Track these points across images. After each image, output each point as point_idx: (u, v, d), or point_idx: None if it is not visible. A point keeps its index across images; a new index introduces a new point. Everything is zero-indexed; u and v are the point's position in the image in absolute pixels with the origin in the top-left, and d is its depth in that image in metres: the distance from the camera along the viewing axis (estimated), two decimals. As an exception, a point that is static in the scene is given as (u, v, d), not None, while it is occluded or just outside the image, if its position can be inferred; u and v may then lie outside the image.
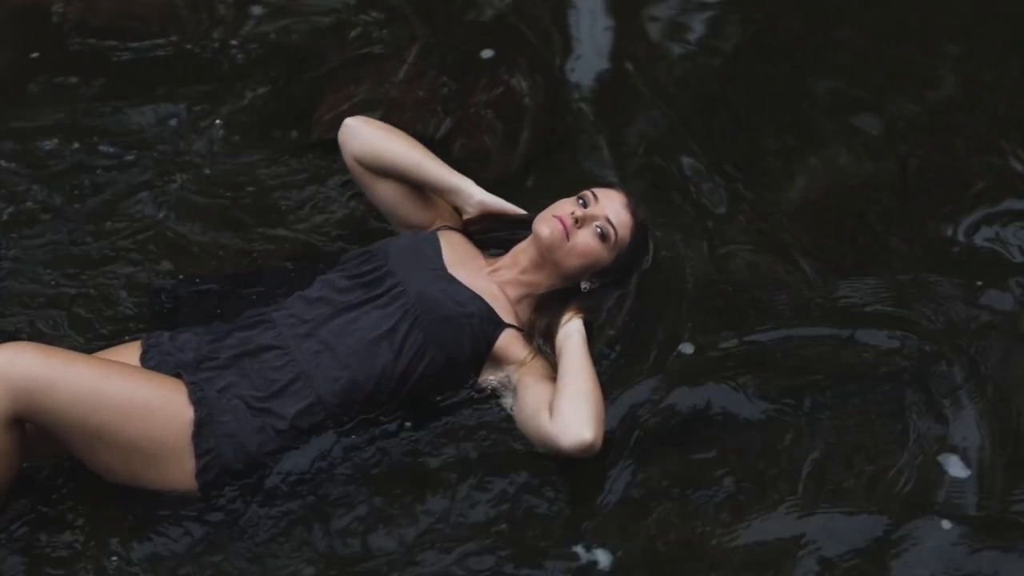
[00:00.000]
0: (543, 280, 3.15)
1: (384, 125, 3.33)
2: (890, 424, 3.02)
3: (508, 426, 3.00)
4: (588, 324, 3.07)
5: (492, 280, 3.16)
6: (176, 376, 2.93)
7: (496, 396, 3.04)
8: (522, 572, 2.80)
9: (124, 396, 2.80)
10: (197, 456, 2.85)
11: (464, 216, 3.28)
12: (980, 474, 2.92)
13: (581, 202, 3.15)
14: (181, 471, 2.85)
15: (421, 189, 3.29)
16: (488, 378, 3.05)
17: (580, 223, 3.11)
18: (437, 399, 3.03)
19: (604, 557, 2.82)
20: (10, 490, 2.83)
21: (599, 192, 3.17)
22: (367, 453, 2.96)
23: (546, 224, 3.11)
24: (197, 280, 3.40)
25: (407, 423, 3.00)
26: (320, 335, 3.00)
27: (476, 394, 3.04)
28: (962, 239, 3.47)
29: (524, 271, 3.16)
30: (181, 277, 3.40)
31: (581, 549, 2.83)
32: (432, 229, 3.27)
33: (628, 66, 4.09)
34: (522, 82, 3.95)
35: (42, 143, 3.79)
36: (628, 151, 3.84)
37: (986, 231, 3.48)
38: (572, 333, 3.03)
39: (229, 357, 2.97)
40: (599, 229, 3.11)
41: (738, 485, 2.92)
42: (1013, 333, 3.22)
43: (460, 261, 3.16)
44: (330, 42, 4.14)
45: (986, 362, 3.14)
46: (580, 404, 2.88)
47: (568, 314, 3.07)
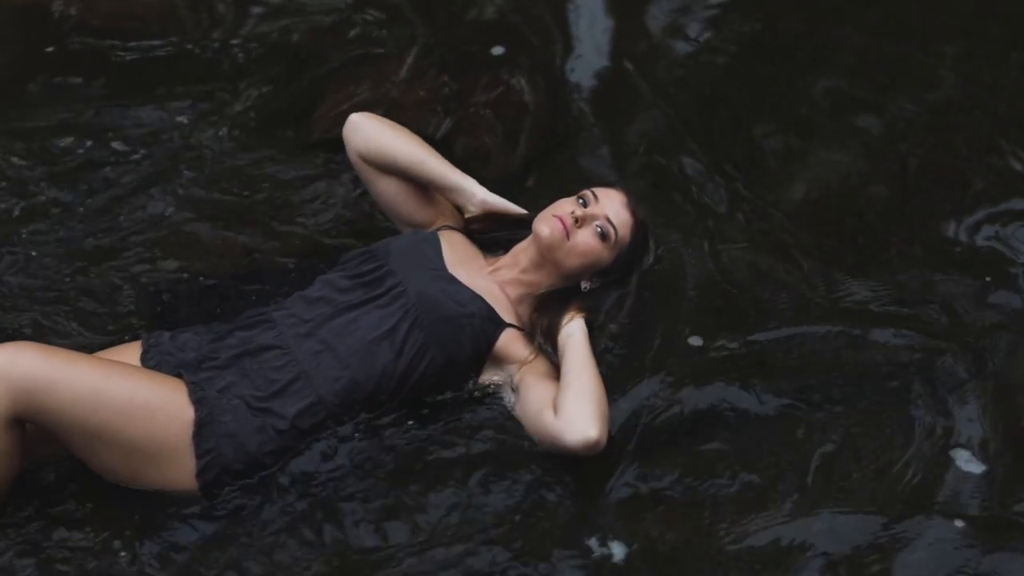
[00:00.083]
0: (543, 280, 3.15)
1: (389, 122, 3.33)
2: (892, 423, 3.02)
3: (512, 424, 3.00)
4: (589, 323, 3.07)
5: (492, 280, 3.16)
6: (177, 376, 2.93)
7: (498, 395, 3.05)
8: (538, 566, 2.80)
9: (125, 396, 2.80)
10: (197, 456, 2.85)
11: (466, 215, 3.28)
12: (983, 473, 2.92)
13: (581, 202, 3.15)
14: (181, 471, 2.85)
15: (424, 187, 3.30)
16: (490, 377, 3.05)
17: (580, 223, 3.11)
18: (440, 398, 3.03)
19: (619, 549, 2.82)
20: (10, 490, 2.82)
21: (599, 192, 3.17)
22: (369, 452, 2.95)
23: (546, 224, 3.11)
24: (198, 279, 3.40)
25: (410, 421, 3.00)
26: (320, 335, 3.00)
27: (478, 394, 3.04)
28: (962, 239, 3.47)
29: (524, 271, 3.16)
30: (183, 276, 3.40)
31: (595, 542, 2.83)
32: (433, 229, 3.27)
33: (628, 66, 4.09)
34: (522, 82, 3.95)
35: (41, 143, 3.79)
36: (628, 151, 3.84)
37: (986, 231, 3.48)
38: (575, 332, 3.03)
39: (229, 357, 2.97)
40: (599, 229, 3.11)
41: (740, 484, 2.92)
42: (1015, 332, 3.22)
43: (460, 261, 3.16)
44: (330, 42, 4.14)
45: (988, 361, 3.14)
46: (584, 402, 2.88)
47: (570, 314, 3.07)
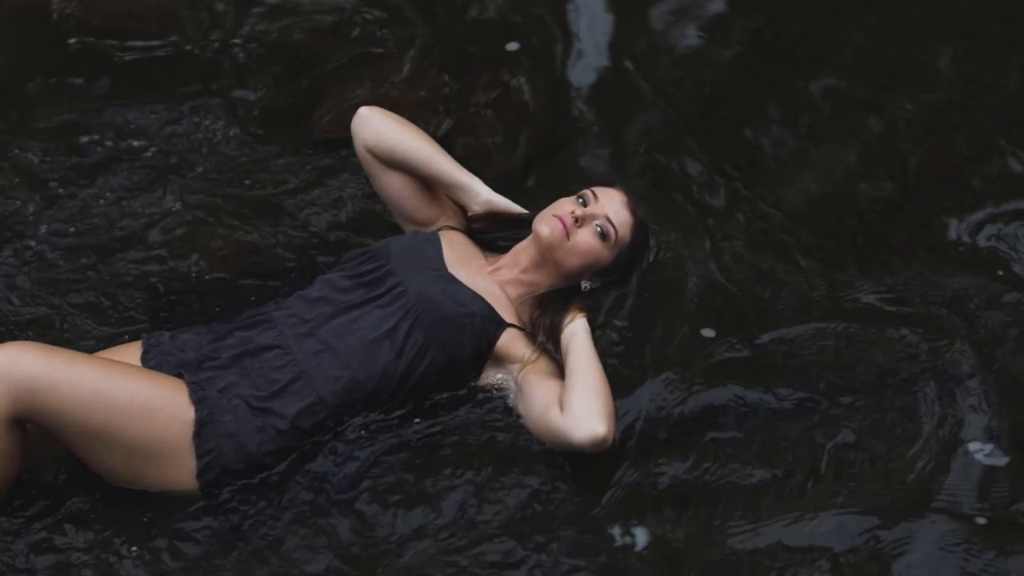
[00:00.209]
0: (543, 279, 3.15)
1: (398, 117, 3.33)
2: (895, 423, 3.02)
3: (515, 422, 3.00)
4: (590, 323, 3.07)
5: (493, 280, 3.16)
6: (177, 376, 2.93)
7: (501, 394, 3.04)
8: (560, 558, 2.80)
9: (125, 396, 2.81)
10: (198, 456, 2.85)
11: (469, 213, 3.29)
12: (984, 473, 2.92)
13: (581, 201, 3.15)
14: (182, 471, 2.85)
15: (428, 184, 3.30)
16: (492, 377, 3.05)
17: (580, 222, 3.11)
18: (443, 397, 3.03)
19: (642, 536, 2.82)
20: (10, 490, 2.83)
21: (599, 191, 3.17)
22: (371, 451, 2.95)
23: (546, 223, 3.11)
24: (198, 279, 3.40)
25: (416, 420, 3.00)
26: (321, 335, 3.00)
27: (481, 395, 3.04)
28: (962, 238, 3.47)
29: (525, 270, 3.17)
30: (183, 276, 3.40)
31: (617, 531, 2.84)
32: (434, 229, 3.27)
33: (628, 65, 4.09)
34: (522, 82, 3.95)
35: (41, 143, 3.79)
36: (628, 151, 3.84)
37: (986, 230, 3.48)
38: (578, 330, 3.03)
39: (230, 357, 2.97)
40: (599, 228, 3.11)
41: (742, 483, 2.92)
42: (1017, 331, 3.22)
43: (461, 261, 3.16)
44: (331, 41, 4.14)
45: (990, 360, 3.14)
46: (591, 399, 2.88)
47: (571, 313, 3.07)
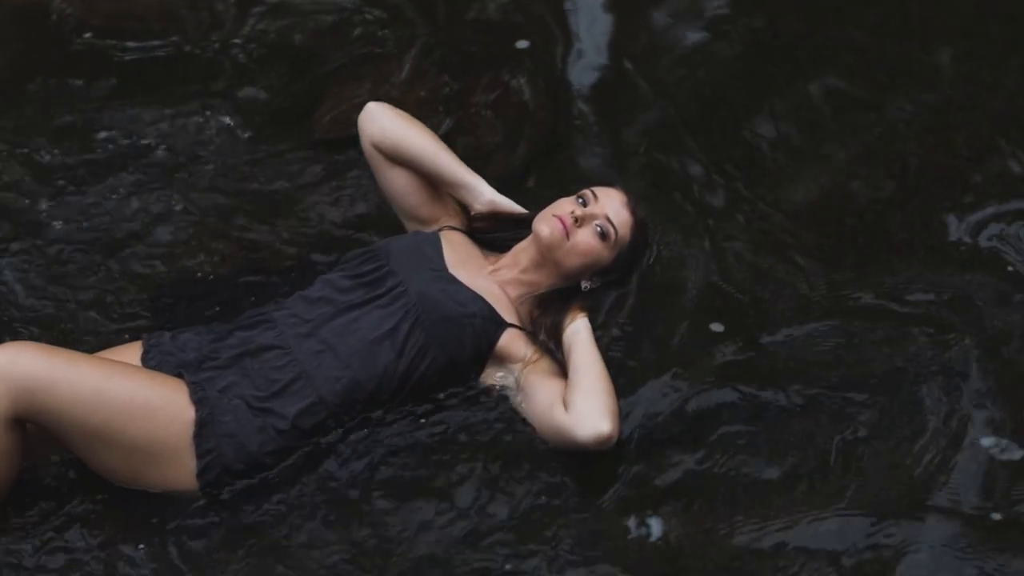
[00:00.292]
0: (543, 279, 3.15)
1: (405, 114, 3.34)
2: (893, 423, 3.02)
3: (519, 421, 3.00)
4: (591, 323, 3.07)
5: (493, 280, 3.16)
6: (178, 376, 2.93)
7: (503, 394, 3.04)
8: (562, 552, 2.81)
9: (126, 396, 2.81)
10: (198, 456, 2.85)
11: (472, 212, 3.29)
12: (984, 473, 2.92)
13: (581, 201, 3.15)
14: (182, 471, 2.85)
15: (432, 182, 3.30)
16: (493, 376, 3.05)
17: (580, 222, 3.11)
18: (446, 397, 3.03)
19: (657, 526, 2.83)
20: (10, 490, 2.83)
21: (599, 191, 3.17)
22: (373, 450, 2.95)
23: (546, 223, 3.11)
24: (198, 279, 3.40)
25: (422, 420, 3.00)
26: (321, 335, 3.00)
27: (484, 397, 3.04)
28: (963, 238, 3.46)
29: (525, 270, 3.17)
30: (183, 276, 3.40)
31: (633, 522, 2.84)
32: (435, 228, 3.27)
33: (628, 65, 4.09)
34: (522, 82, 3.95)
35: (41, 143, 3.79)
36: (628, 151, 3.83)
37: (987, 230, 3.47)
38: (580, 329, 3.04)
39: (230, 357, 2.97)
40: (599, 228, 3.11)
41: (743, 484, 2.92)
42: (1016, 331, 3.22)
43: (461, 261, 3.16)
44: (331, 42, 4.14)
45: (991, 360, 3.14)
46: (595, 397, 2.89)
47: (573, 312, 3.07)
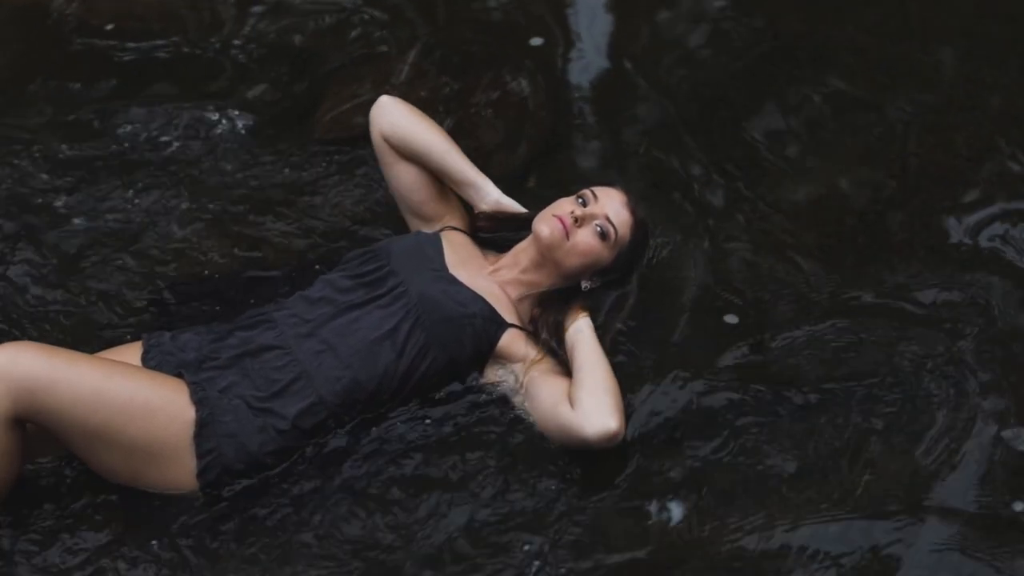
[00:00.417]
0: (544, 279, 3.16)
1: (416, 109, 3.35)
2: (893, 423, 3.02)
3: (521, 420, 3.00)
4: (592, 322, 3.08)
5: (493, 280, 3.16)
6: (178, 376, 2.93)
7: (505, 393, 3.04)
8: (563, 549, 2.82)
9: (126, 396, 2.81)
10: (198, 456, 2.85)
11: (476, 211, 3.30)
12: (985, 472, 2.92)
13: (581, 201, 3.15)
14: (182, 471, 2.85)
15: (439, 180, 3.31)
16: (494, 376, 3.06)
17: (580, 222, 3.11)
18: (448, 396, 3.03)
19: (677, 510, 2.83)
20: (10, 490, 2.83)
21: (599, 191, 3.18)
22: (376, 450, 2.96)
23: (546, 224, 3.11)
24: (198, 279, 3.40)
25: (427, 420, 3.00)
26: (322, 335, 3.00)
27: (485, 397, 3.05)
28: (963, 238, 3.47)
29: (525, 271, 3.17)
30: (184, 276, 3.41)
31: (654, 506, 2.84)
32: (436, 228, 3.28)
33: (628, 65, 4.10)
34: (522, 82, 3.95)
35: (41, 143, 3.79)
36: (628, 151, 3.84)
37: (987, 230, 3.48)
38: (583, 328, 3.04)
39: (230, 357, 2.97)
40: (599, 228, 3.11)
41: (744, 484, 2.92)
42: (1017, 331, 3.22)
43: (462, 262, 3.17)
44: (331, 42, 4.14)
45: (991, 359, 3.14)
46: (601, 394, 2.89)
47: (574, 312, 3.07)
